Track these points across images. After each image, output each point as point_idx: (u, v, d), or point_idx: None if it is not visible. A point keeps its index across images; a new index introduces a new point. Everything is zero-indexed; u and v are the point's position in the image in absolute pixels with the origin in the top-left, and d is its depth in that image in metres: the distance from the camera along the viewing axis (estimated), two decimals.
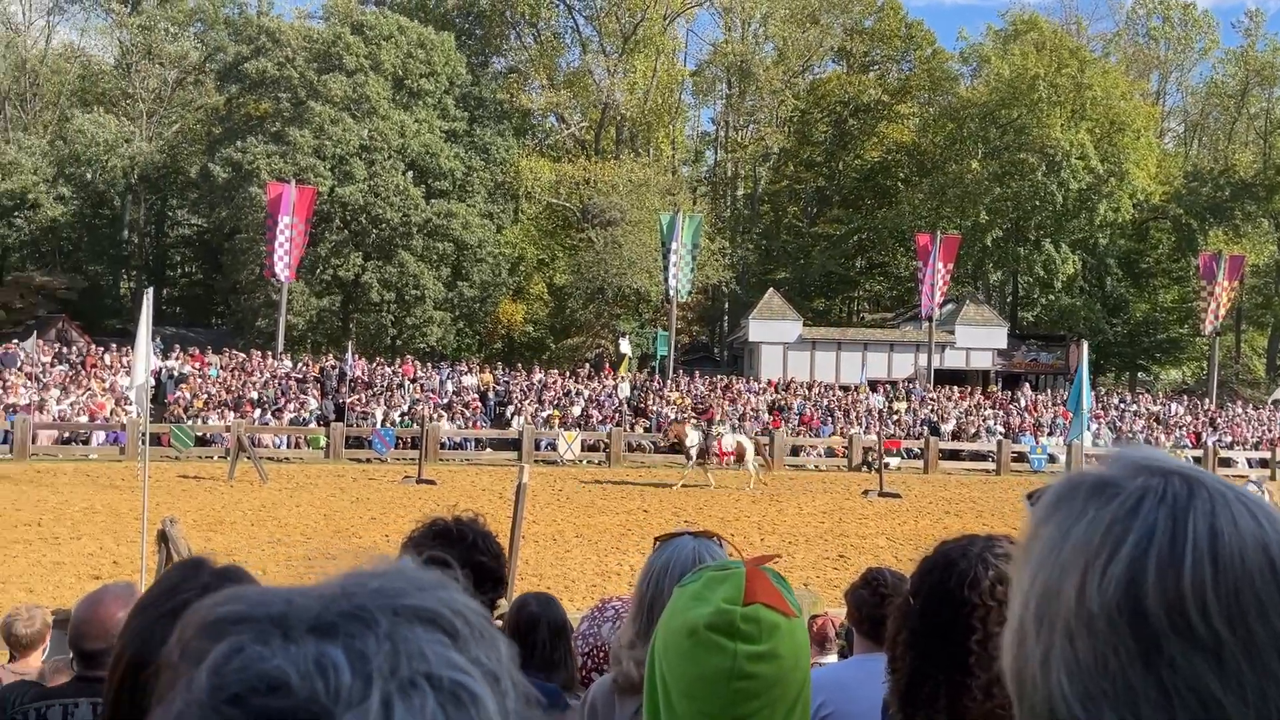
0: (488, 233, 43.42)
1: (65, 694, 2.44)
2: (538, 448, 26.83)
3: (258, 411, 27.09)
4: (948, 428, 31.02)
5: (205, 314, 51.88)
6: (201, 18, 51.15)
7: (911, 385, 36.21)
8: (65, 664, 3.20)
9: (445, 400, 29.53)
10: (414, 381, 30.55)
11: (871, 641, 3.05)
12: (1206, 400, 37.58)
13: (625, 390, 31.83)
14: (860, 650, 3.21)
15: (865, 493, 22.21)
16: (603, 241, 43.56)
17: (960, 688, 1.42)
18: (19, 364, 27.30)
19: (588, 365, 37.02)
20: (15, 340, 30.25)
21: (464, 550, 2.19)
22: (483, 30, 50.92)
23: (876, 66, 55.58)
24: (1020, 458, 29.08)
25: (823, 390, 34.58)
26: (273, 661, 0.55)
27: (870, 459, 27.50)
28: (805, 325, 41.55)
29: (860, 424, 30.54)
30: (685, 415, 27.58)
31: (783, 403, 32.19)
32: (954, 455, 29.35)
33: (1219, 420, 34.08)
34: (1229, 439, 31.98)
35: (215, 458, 23.76)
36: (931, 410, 32.61)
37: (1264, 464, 29.78)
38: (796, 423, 30.56)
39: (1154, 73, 59.48)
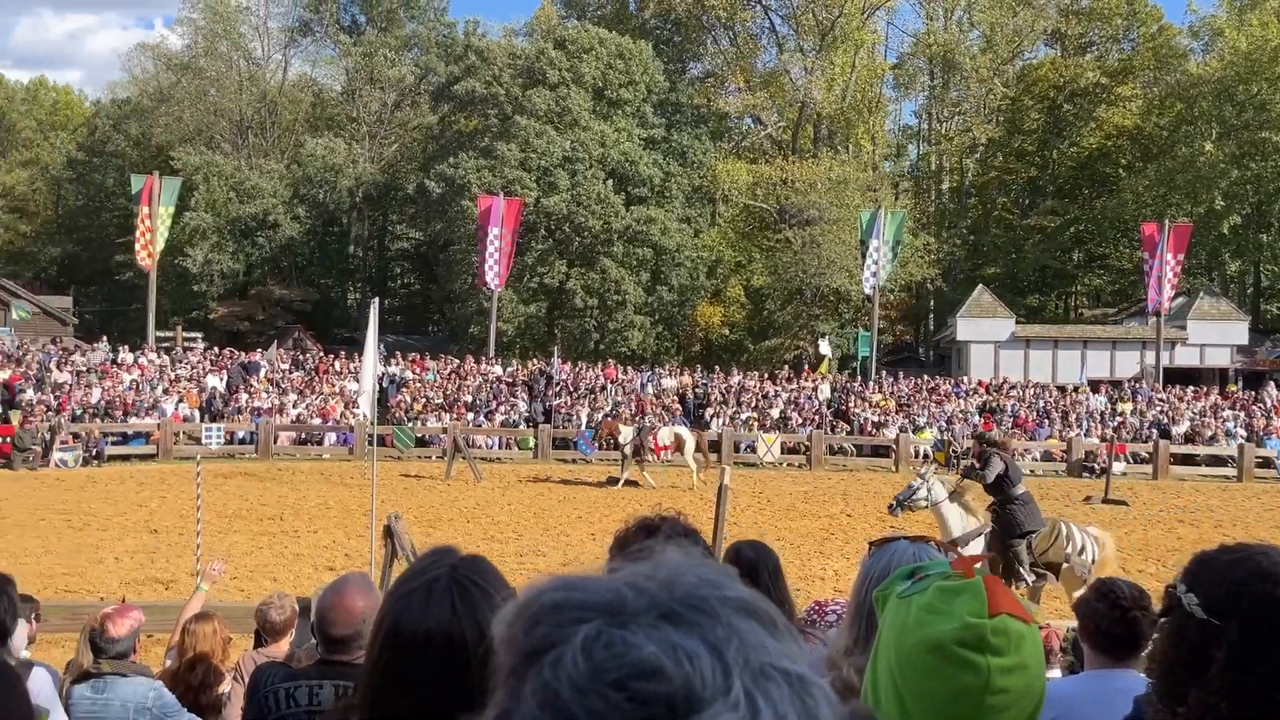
0: (685, 237, 43.86)
1: (310, 676, 2.63)
2: (736, 450, 26.80)
3: (471, 414, 28.44)
4: (1180, 430, 28.74)
5: (422, 322, 55.01)
6: (417, 42, 54.27)
7: (1137, 385, 33.78)
8: (315, 649, 3.44)
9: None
10: (616, 384, 31.22)
11: (1106, 657, 2.86)
12: None
13: (825, 392, 31.32)
14: (1093, 665, 3.00)
15: (1087, 499, 20.89)
16: (801, 241, 43.09)
17: None
18: (262, 372, 29.82)
19: (786, 367, 36.68)
20: (260, 350, 33.07)
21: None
22: (680, 36, 51.51)
23: (1094, 48, 52.25)
24: (1266, 463, 26.57)
25: (1038, 391, 32.79)
26: (645, 648, 0.56)
27: (1092, 464, 25.88)
28: (1018, 322, 39.58)
29: (1080, 427, 28.77)
30: (618, 413, 26.92)
31: (994, 404, 30.77)
32: (1187, 460, 27.14)
33: None
34: None
35: (433, 457, 25.10)
36: (1161, 412, 30.31)
37: None
38: (1010, 425, 29.12)
39: None
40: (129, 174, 39.37)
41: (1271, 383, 36.09)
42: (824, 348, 36.14)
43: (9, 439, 23.04)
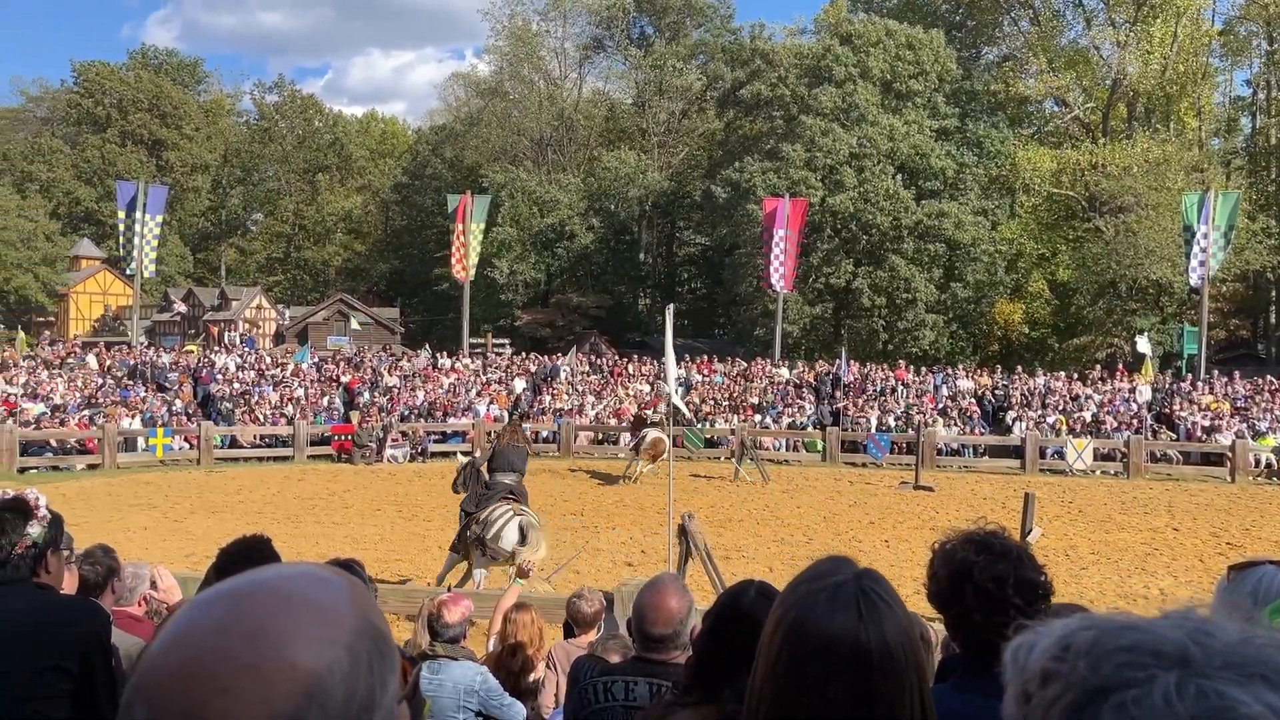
0: (981, 230, 41.75)
1: (626, 672, 2.70)
2: (1042, 456, 25.10)
3: (758, 415, 28.55)
4: None
5: (709, 325, 56.02)
6: (704, 49, 55.40)
7: None
8: (623, 644, 3.55)
9: (940, 405, 28.81)
10: (908, 386, 30.22)
11: None
12: None
13: (1145, 394, 28.62)
14: None
15: None
16: (1113, 230, 39.75)
17: None
18: (563, 375, 31.55)
19: (1098, 367, 33.91)
20: (559, 354, 35.03)
21: (1011, 564, 2.05)
22: (974, 20, 49.17)
23: None
24: None
25: None
26: (1252, 706, 0.57)
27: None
28: None
29: None
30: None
31: None
32: None
33: None
34: None
35: (721, 458, 25.44)
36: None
37: None
38: None
39: None
40: (445, 194, 43.07)
41: None
42: (1142, 345, 33.01)
43: (351, 437, 25.85)
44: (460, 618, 4.45)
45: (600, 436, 28.00)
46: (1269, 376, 31.32)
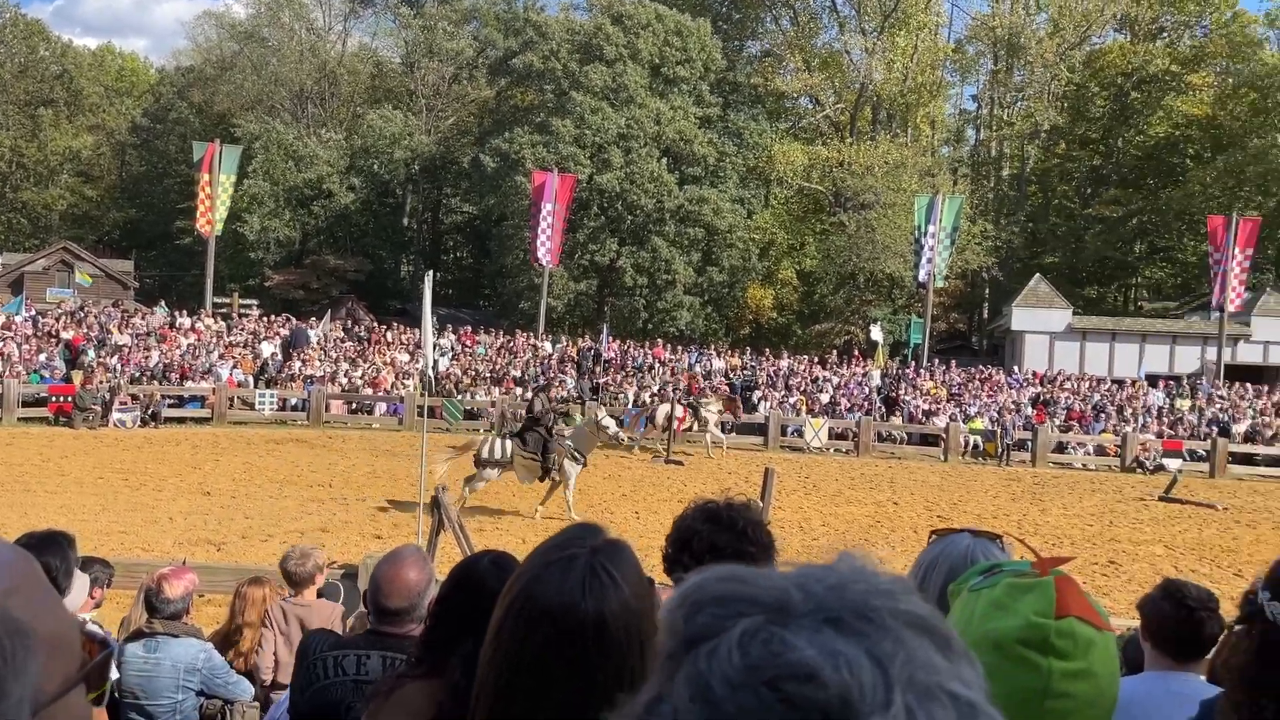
0: (738, 218, 43.59)
1: (359, 645, 2.64)
2: (784, 433, 26.68)
3: (520, 389, 28.60)
4: (1240, 429, 28.03)
5: (474, 296, 55.36)
6: (476, 15, 54.35)
7: (1198, 381, 33.01)
8: (355, 619, 3.47)
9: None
10: (664, 364, 31.20)
11: (1169, 658, 2.79)
12: None
13: (875, 378, 31.03)
14: (1154, 666, 2.93)
15: (1162, 498, 20.41)
16: (855, 225, 42.63)
17: None
18: (314, 339, 30.22)
19: (836, 352, 36.38)
20: (313, 318, 33.52)
21: (733, 537, 2.15)
22: (739, 14, 50.98)
23: (1165, 34, 50.80)
24: None
25: (1094, 384, 32.19)
26: (804, 651, 0.55)
27: (1144, 460, 25.38)
28: (1075, 314, 38.82)
29: (1136, 422, 28.19)
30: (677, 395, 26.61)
31: (1048, 396, 30.26)
32: (1247, 459, 26.48)
33: None
34: None
35: (481, 430, 25.29)
36: (1221, 409, 29.59)
37: None
38: (1063, 418, 28.64)
39: None
40: (191, 141, 40.03)
41: None
42: (875, 334, 35.76)
43: (71, 398, 23.64)
44: (183, 592, 4.19)
45: (355, 405, 27.10)
46: (980, 366, 34.75)
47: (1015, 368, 35.11)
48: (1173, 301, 47.12)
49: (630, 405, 27.46)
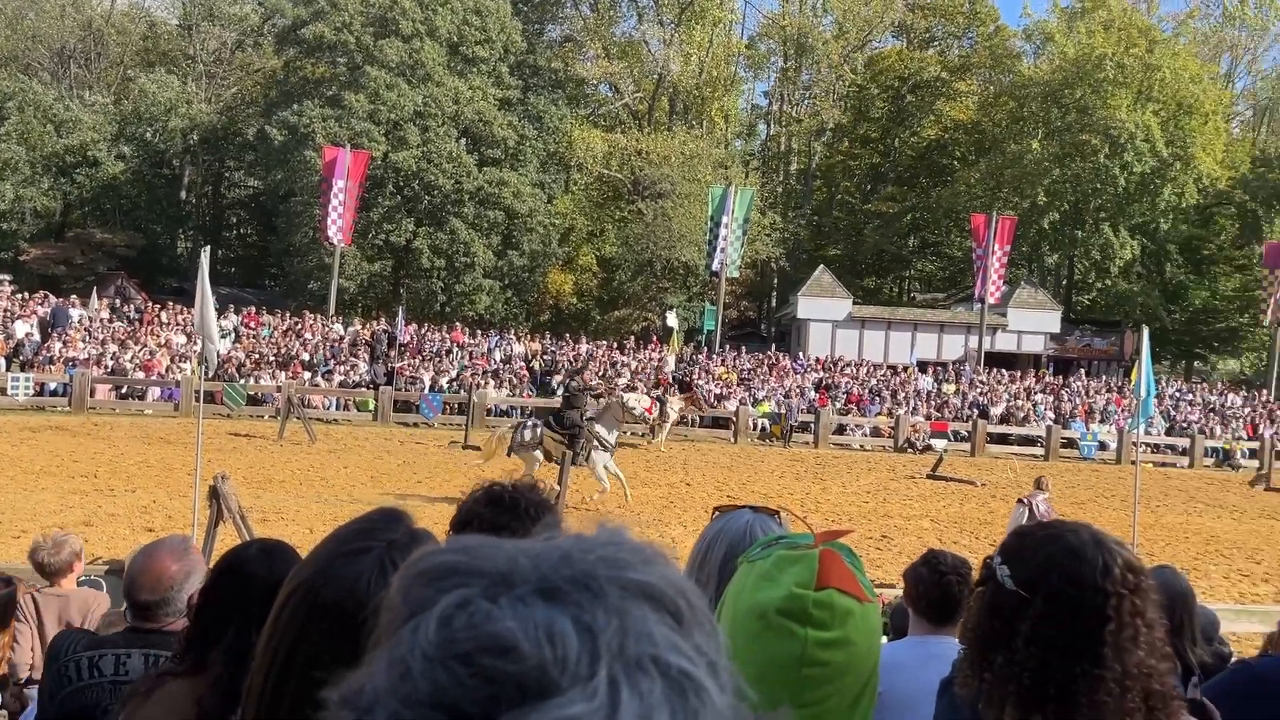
0: (538, 202, 43.46)
1: (117, 644, 2.46)
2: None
3: (308, 373, 27.46)
4: (997, 411, 30.59)
5: (259, 275, 52.60)
6: None
7: (961, 367, 35.74)
8: (124, 615, 3.24)
9: (494, 368, 29.72)
10: (462, 348, 30.77)
11: (927, 622, 3.00)
12: (1265, 392, 36.64)
13: (670, 363, 31.79)
14: (916, 630, 3.15)
15: (976, 483, 21.97)
16: (652, 214, 43.41)
17: (1096, 680, 1.37)
18: (76, 318, 27.87)
19: (633, 338, 37.01)
20: (76, 296, 30.89)
21: (515, 519, 2.14)
22: None
23: (937, 43, 54.52)
24: (1070, 444, 28.61)
25: (870, 370, 34.26)
26: (504, 623, 0.52)
27: (915, 440, 27.25)
28: (855, 304, 41.14)
29: (908, 405, 30.22)
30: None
31: (829, 381, 31.94)
32: (1002, 439, 28.94)
33: (1278, 414, 33.23)
34: None
35: (265, 417, 24.14)
36: (981, 393, 32.17)
37: None
38: (843, 402, 30.32)
39: (1225, 55, 57.65)
40: None
41: (1080, 369, 38.87)
42: (671, 320, 36.62)
43: None
44: None
45: (125, 390, 25.22)
46: (769, 352, 36.26)
47: (800, 354, 36.85)
48: (941, 293, 50.79)
49: (427, 390, 26.94)
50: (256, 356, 27.77)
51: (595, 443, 15.38)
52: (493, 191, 41.77)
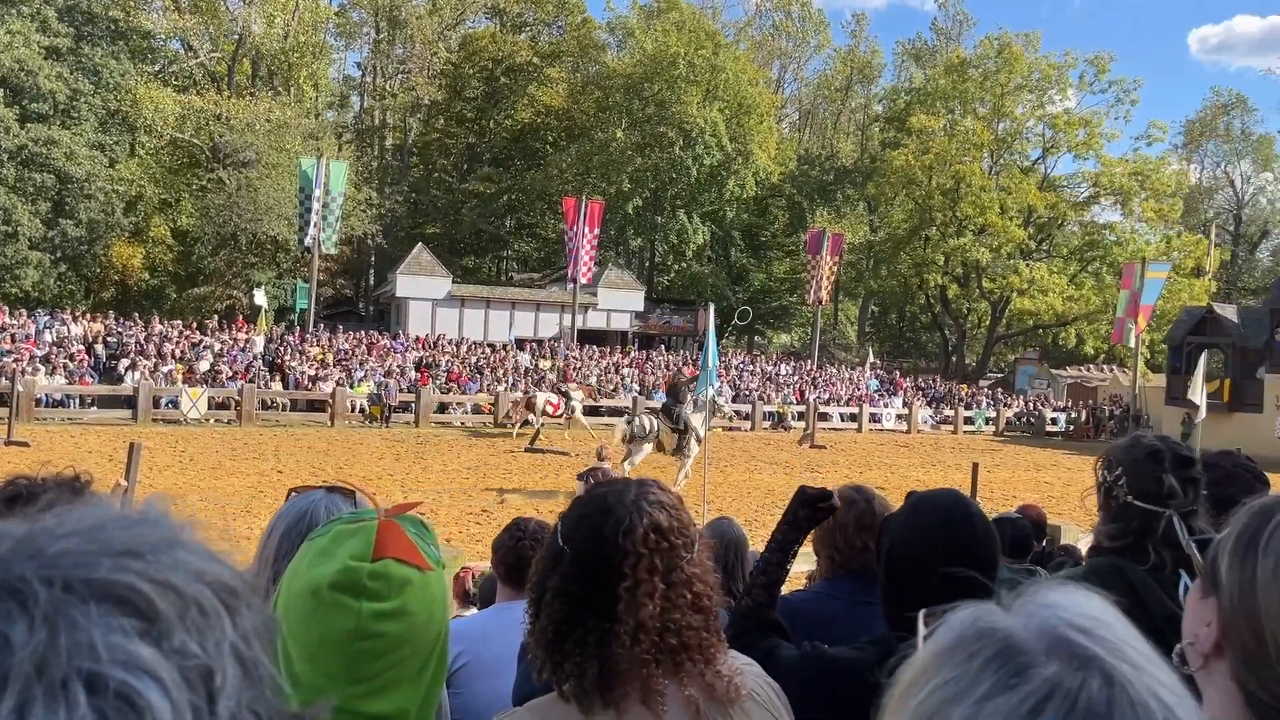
0: (98, 166, 38.74)
1: None
2: (157, 405, 24.55)
3: None
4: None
5: None
6: None
7: (556, 345, 37.25)
8: None
9: (44, 352, 26.10)
10: (4, 330, 26.70)
11: (512, 589, 3.10)
12: (809, 362, 42.08)
13: (259, 344, 29.93)
14: (502, 598, 3.24)
15: (527, 449, 22.57)
16: (236, 184, 40.46)
17: (609, 634, 1.43)
18: None
19: (217, 317, 34.33)
20: None
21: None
22: None
23: (529, 28, 55.99)
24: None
25: (471, 348, 34.64)
26: None
27: (510, 415, 28.00)
28: (454, 282, 41.29)
29: (507, 382, 30.95)
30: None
31: (430, 360, 31.84)
32: (594, 411, 30.58)
33: (819, 380, 38.32)
34: (827, 396, 36.07)
35: None
36: (575, 368, 33.76)
37: (853, 418, 33.94)
38: (444, 380, 30.38)
39: (776, 62, 65.04)
40: None
41: (661, 345, 42.11)
42: (259, 298, 34.38)
43: None
44: None
45: None
46: (368, 332, 35.36)
47: (400, 333, 36.35)
48: (537, 273, 52.49)
49: None
50: None
51: (695, 437, 16.35)
52: (39, 151, 36.58)
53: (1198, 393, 21.53)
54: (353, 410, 26.82)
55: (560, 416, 25.52)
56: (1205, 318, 34.21)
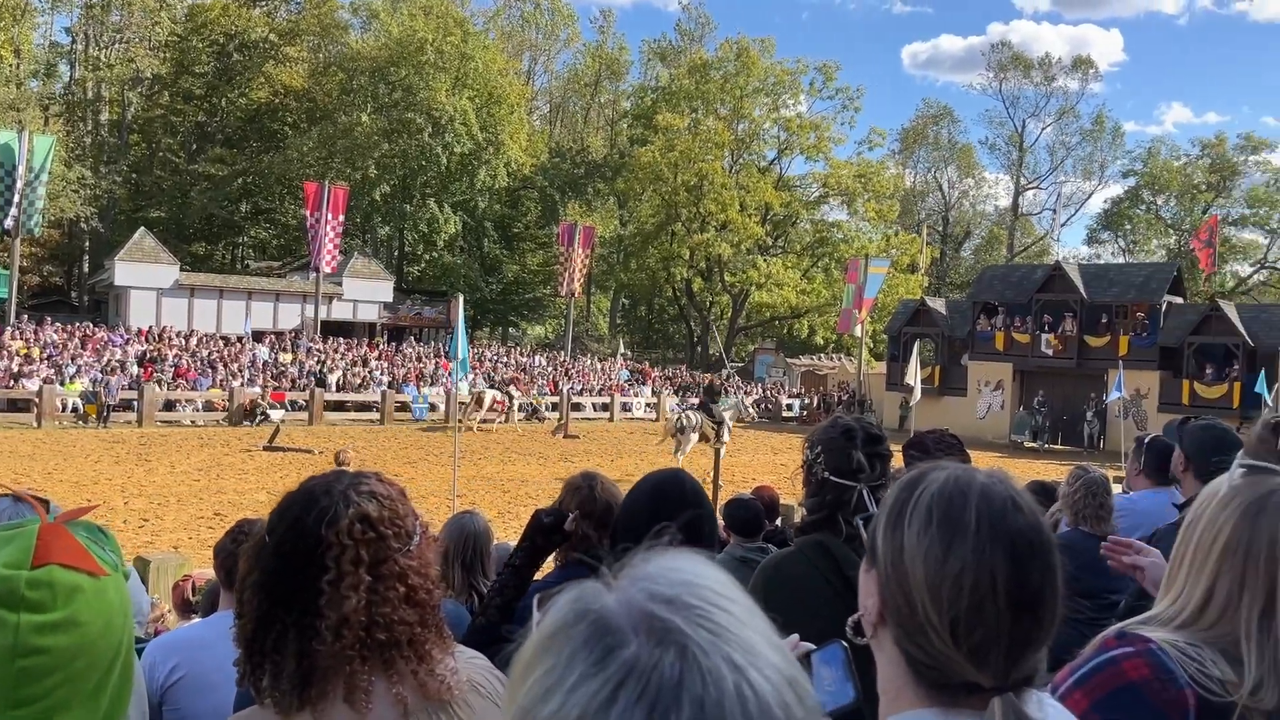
0: None
1: None
2: None
3: None
4: (334, 379, 31.02)
5: None
6: None
7: (298, 337, 35.52)
8: None
9: None
10: None
11: (231, 593, 2.92)
12: (563, 353, 42.50)
13: None
14: (224, 605, 3.05)
15: (267, 447, 21.30)
16: None
17: (309, 630, 1.35)
18: None
19: None
20: None
21: None
22: None
23: (265, 3, 52.91)
24: (403, 407, 30.17)
25: (202, 341, 32.38)
26: None
27: (255, 412, 26.52)
28: (183, 270, 38.42)
29: (243, 376, 29.18)
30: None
31: (155, 354, 29.47)
32: (340, 406, 29.46)
33: (573, 370, 38.78)
34: (580, 386, 36.56)
35: None
36: (318, 361, 32.34)
37: (605, 408, 34.59)
38: (171, 376, 28.22)
39: (526, 54, 65.04)
40: None
41: (412, 336, 41.13)
42: None
43: None
44: None
45: None
46: (83, 324, 32.28)
47: (120, 325, 33.43)
48: (276, 261, 49.79)
49: None
50: None
51: (727, 428, 18.03)
52: None
53: (914, 378, 23.52)
54: (64, 410, 24.41)
55: (505, 413, 28.19)
56: (919, 310, 37.41)
